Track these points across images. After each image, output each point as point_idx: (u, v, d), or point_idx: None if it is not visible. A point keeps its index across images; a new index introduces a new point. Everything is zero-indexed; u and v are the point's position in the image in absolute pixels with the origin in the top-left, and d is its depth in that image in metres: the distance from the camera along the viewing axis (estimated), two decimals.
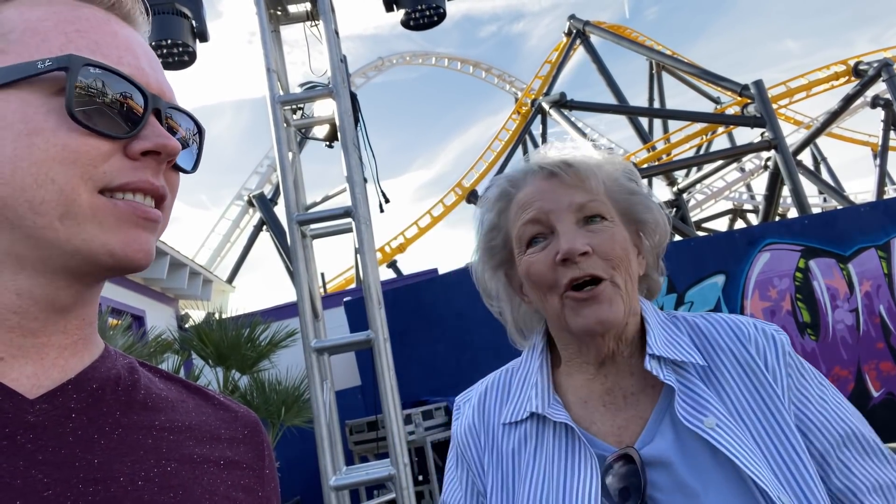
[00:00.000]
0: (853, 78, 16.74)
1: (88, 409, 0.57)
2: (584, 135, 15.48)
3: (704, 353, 0.89)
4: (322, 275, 12.66)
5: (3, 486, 0.49)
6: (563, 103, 15.90)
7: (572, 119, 16.28)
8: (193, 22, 4.98)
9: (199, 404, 0.69)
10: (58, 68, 0.52)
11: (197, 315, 9.10)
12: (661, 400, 0.87)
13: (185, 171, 0.64)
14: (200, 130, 0.66)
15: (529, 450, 0.90)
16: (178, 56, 5.19)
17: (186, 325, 8.59)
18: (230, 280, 14.44)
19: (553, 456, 0.87)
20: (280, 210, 9.25)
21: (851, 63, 17.19)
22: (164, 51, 4.99)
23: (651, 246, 0.98)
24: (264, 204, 11.65)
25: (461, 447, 1.00)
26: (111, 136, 0.54)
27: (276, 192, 13.08)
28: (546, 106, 16.17)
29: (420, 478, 5.59)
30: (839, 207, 11.61)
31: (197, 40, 5.13)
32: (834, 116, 15.81)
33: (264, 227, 13.38)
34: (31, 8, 0.56)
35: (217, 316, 6.09)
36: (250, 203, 15.48)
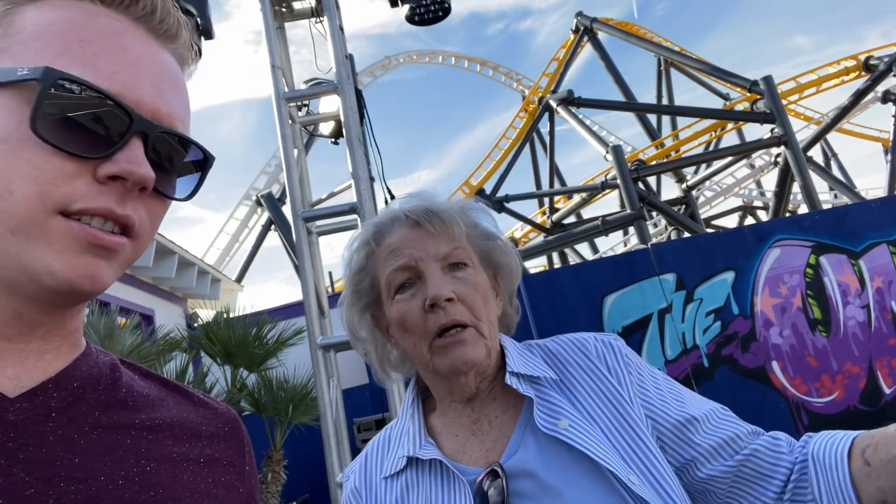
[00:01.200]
0: (864, 73, 16.61)
1: (68, 408, 0.56)
2: (592, 132, 15.40)
3: (556, 368, 0.99)
4: (330, 273, 12.69)
5: None
6: (570, 101, 15.85)
7: (580, 116, 16.22)
8: (199, 19, 4.98)
9: (178, 402, 0.69)
10: (33, 79, 0.51)
11: (205, 314, 9.13)
12: (522, 415, 0.95)
13: (175, 199, 0.62)
14: (207, 159, 0.65)
15: (412, 496, 0.95)
16: None
17: (195, 324, 8.61)
18: (239, 279, 14.48)
19: (431, 492, 0.92)
20: (288, 209, 9.30)
21: (862, 58, 17.06)
22: None
23: (505, 287, 1.06)
24: (272, 203, 11.69)
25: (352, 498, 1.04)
26: (79, 156, 0.52)
27: (284, 192, 13.11)
28: (554, 103, 16.11)
29: None
30: (850, 203, 11.52)
31: (202, 38, 5.13)
32: (844, 112, 15.69)
33: (272, 227, 13.41)
34: (51, 11, 0.55)
35: (225, 315, 6.10)
36: (258, 203, 15.53)
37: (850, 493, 0.78)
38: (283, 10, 4.06)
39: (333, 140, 4.10)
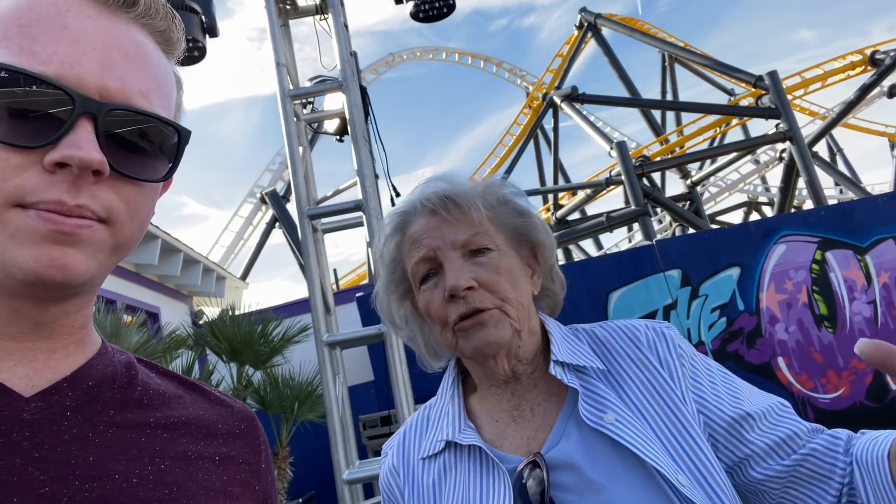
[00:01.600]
0: (869, 67, 16.51)
1: (83, 407, 0.56)
2: (596, 128, 15.36)
3: (603, 357, 0.95)
4: (335, 271, 12.71)
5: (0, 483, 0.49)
6: (574, 97, 15.81)
7: (584, 112, 16.18)
8: (203, 17, 4.98)
9: (195, 400, 0.69)
10: None
11: (211, 311, 9.16)
12: (566, 405, 0.92)
13: (148, 181, 0.58)
14: (180, 135, 0.60)
15: (449, 479, 0.94)
16: (187, 52, 5.21)
17: (200, 322, 8.64)
18: (243, 277, 14.51)
19: (469, 478, 0.91)
20: (292, 206, 9.29)
21: (868, 52, 16.96)
22: None
23: (543, 262, 1.02)
24: (277, 201, 11.70)
25: (386, 492, 1.03)
26: (24, 147, 0.50)
27: (289, 190, 13.12)
28: (557, 100, 16.07)
29: None
30: (856, 199, 11.47)
31: (207, 35, 5.14)
32: (850, 107, 15.60)
33: (277, 224, 13.43)
34: None
35: (230, 312, 6.12)
36: (263, 200, 15.55)
37: (894, 494, 0.76)
38: (288, 7, 4.06)
39: (338, 137, 4.10)
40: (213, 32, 5.09)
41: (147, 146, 0.57)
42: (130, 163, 0.55)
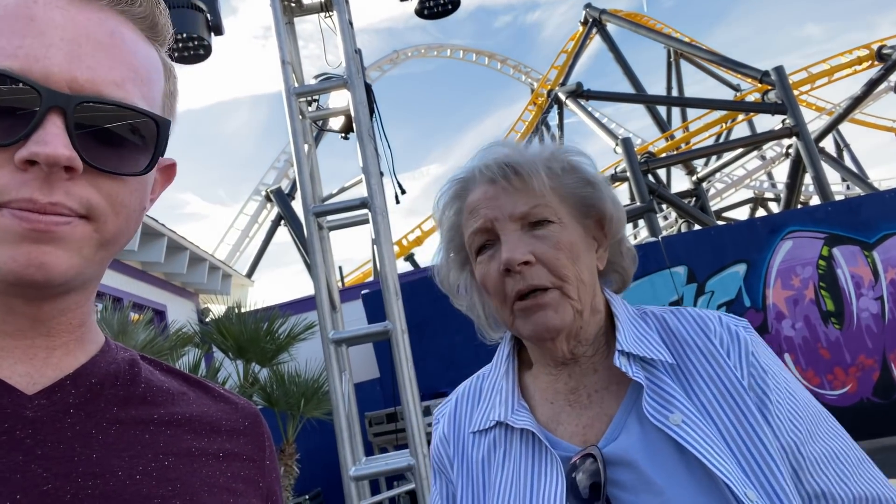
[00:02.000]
0: (876, 62, 16.41)
1: (86, 404, 0.56)
2: (601, 125, 15.33)
3: (673, 349, 0.89)
4: (340, 268, 12.72)
5: (2, 480, 0.49)
6: (579, 93, 15.77)
7: (589, 109, 16.13)
8: (208, 15, 4.99)
9: (199, 396, 0.68)
10: None
11: (217, 309, 9.19)
12: (628, 396, 0.86)
13: (126, 174, 0.55)
14: (159, 125, 0.57)
15: (498, 457, 0.90)
16: (193, 50, 5.22)
17: (207, 319, 8.67)
18: (249, 274, 14.55)
19: (520, 462, 0.87)
20: (297, 204, 9.32)
21: (875, 47, 16.85)
22: (179, 45, 5.03)
23: (611, 234, 0.96)
24: (282, 198, 11.70)
25: (436, 459, 1.01)
26: None
27: (294, 187, 13.14)
28: (562, 96, 16.04)
29: None
30: (863, 194, 11.41)
31: (212, 34, 5.14)
32: (857, 102, 15.51)
33: (282, 222, 13.45)
34: None
35: (237, 310, 6.13)
36: (268, 198, 15.56)
37: None
38: (293, 5, 4.06)
39: (344, 135, 4.11)
40: (219, 31, 5.10)
41: (124, 138, 0.55)
42: (107, 156, 0.53)
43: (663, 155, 14.99)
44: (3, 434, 0.51)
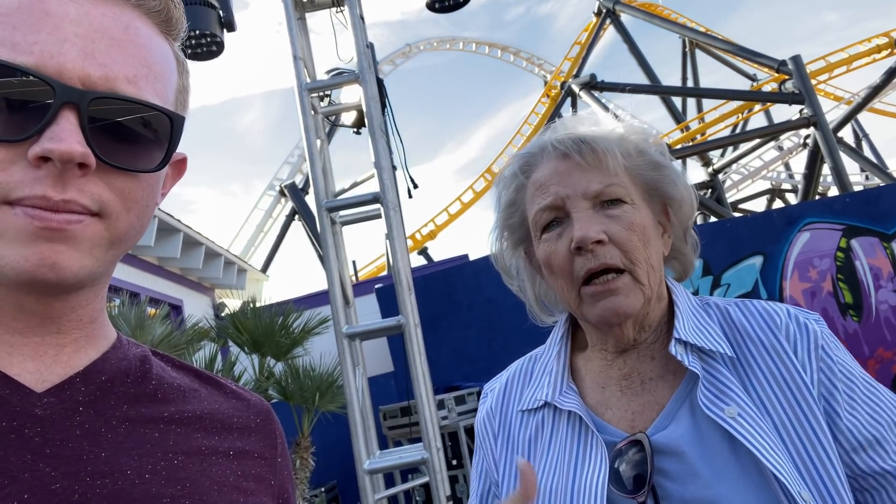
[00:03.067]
0: (895, 51, 16.14)
1: (96, 402, 0.56)
2: (615, 117, 15.20)
3: (734, 342, 0.86)
4: (353, 262, 12.76)
5: (11, 479, 0.49)
6: (593, 85, 15.66)
7: (603, 101, 16.02)
8: (221, 12, 5.01)
9: (210, 393, 0.68)
10: None
11: (232, 303, 9.26)
12: (682, 386, 0.84)
13: (139, 171, 0.55)
14: (173, 121, 0.57)
15: (545, 437, 0.90)
16: (206, 47, 5.24)
17: (222, 314, 8.74)
18: (264, 269, 14.64)
19: (565, 444, 0.86)
20: (311, 199, 9.35)
21: (894, 35, 16.56)
22: (192, 42, 5.04)
23: (678, 222, 0.94)
24: (296, 193, 11.75)
25: (480, 434, 1.00)
26: (7, 141, 0.49)
27: (307, 182, 13.18)
28: (576, 88, 15.93)
29: (454, 462, 5.62)
30: (882, 185, 11.25)
31: (224, 30, 5.17)
32: (876, 91, 15.26)
33: (296, 217, 13.51)
34: None
35: (252, 304, 6.18)
36: (282, 193, 15.64)
37: None
38: (304, 1, 4.06)
39: (356, 130, 4.11)
40: (231, 27, 5.12)
41: (138, 134, 0.54)
42: (120, 152, 0.53)
43: (679, 146, 14.85)
44: (12, 432, 0.50)
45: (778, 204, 20.33)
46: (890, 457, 0.78)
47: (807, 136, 13.77)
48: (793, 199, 19.70)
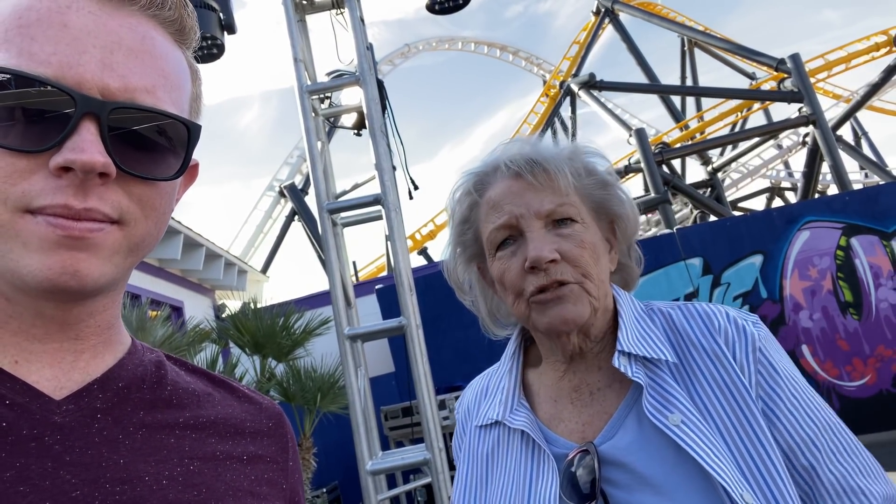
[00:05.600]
0: (895, 48, 16.14)
1: (114, 408, 0.57)
2: (614, 115, 15.23)
3: (678, 347, 0.88)
4: (354, 263, 12.78)
5: (32, 487, 0.49)
6: (592, 84, 15.67)
7: (602, 100, 16.02)
8: (221, 14, 5.01)
9: (224, 397, 0.69)
10: None
11: (233, 305, 9.26)
12: (629, 395, 0.86)
13: (158, 179, 0.56)
14: (190, 129, 0.58)
15: (500, 454, 0.93)
16: (206, 49, 5.25)
17: (223, 315, 8.75)
18: (264, 270, 14.65)
19: (518, 460, 0.89)
20: (311, 200, 9.35)
21: (893, 33, 16.58)
22: None
23: (624, 238, 0.97)
24: (295, 194, 11.77)
25: (454, 447, 1.05)
26: (24, 151, 0.49)
27: (307, 183, 13.20)
28: (575, 87, 15.95)
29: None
30: (881, 183, 11.25)
31: (225, 33, 5.17)
32: (875, 89, 15.28)
33: (296, 217, 13.52)
34: None
35: (252, 305, 6.18)
36: (282, 194, 15.66)
37: None
38: (304, 2, 4.07)
39: (356, 132, 4.12)
40: (232, 29, 5.12)
41: (156, 143, 0.55)
42: (139, 161, 0.54)
43: (678, 145, 14.86)
44: (33, 440, 0.51)
45: (777, 202, 20.34)
46: (822, 455, 0.81)
47: (806, 135, 13.79)
48: (792, 197, 19.71)
